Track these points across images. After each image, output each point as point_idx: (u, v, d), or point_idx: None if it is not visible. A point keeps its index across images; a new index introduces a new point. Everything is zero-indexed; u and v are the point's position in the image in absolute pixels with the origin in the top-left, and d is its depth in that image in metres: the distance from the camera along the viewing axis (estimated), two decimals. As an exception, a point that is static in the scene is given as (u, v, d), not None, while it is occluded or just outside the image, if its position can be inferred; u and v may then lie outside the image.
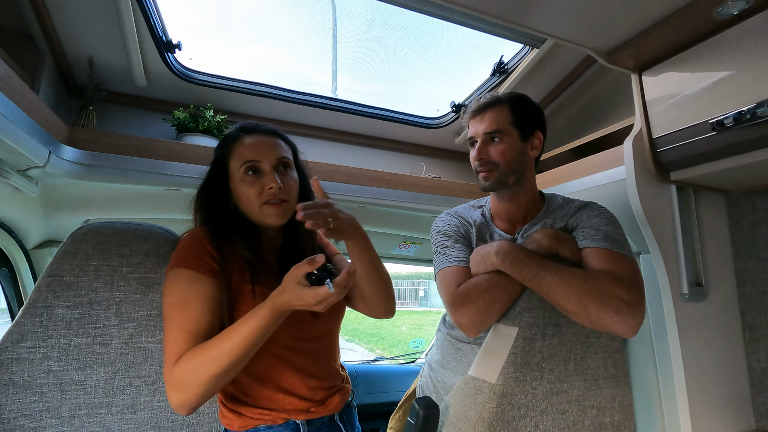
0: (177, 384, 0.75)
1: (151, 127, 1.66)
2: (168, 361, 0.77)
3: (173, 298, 0.81)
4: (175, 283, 0.82)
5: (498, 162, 1.06)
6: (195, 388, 0.74)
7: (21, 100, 0.95)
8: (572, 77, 1.79)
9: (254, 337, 0.76)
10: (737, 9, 0.88)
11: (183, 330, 0.78)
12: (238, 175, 0.91)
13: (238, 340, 0.75)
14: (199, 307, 0.80)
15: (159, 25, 1.46)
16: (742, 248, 1.23)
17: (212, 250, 0.85)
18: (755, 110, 0.85)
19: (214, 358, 0.74)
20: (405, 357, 2.82)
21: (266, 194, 0.90)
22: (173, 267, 0.84)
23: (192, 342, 0.77)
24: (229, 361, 0.74)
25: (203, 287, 0.81)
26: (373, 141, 2.07)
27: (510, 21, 0.98)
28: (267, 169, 0.91)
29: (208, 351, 0.75)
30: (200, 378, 0.74)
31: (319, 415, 0.90)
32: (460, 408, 0.88)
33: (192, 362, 0.75)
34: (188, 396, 0.74)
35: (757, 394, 1.17)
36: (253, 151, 0.91)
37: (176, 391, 0.75)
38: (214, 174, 0.96)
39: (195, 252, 0.84)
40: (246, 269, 0.89)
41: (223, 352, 0.74)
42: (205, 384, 0.74)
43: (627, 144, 1.12)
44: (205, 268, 0.83)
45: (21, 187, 1.16)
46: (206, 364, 0.74)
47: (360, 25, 2.03)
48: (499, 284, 0.93)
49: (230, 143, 0.95)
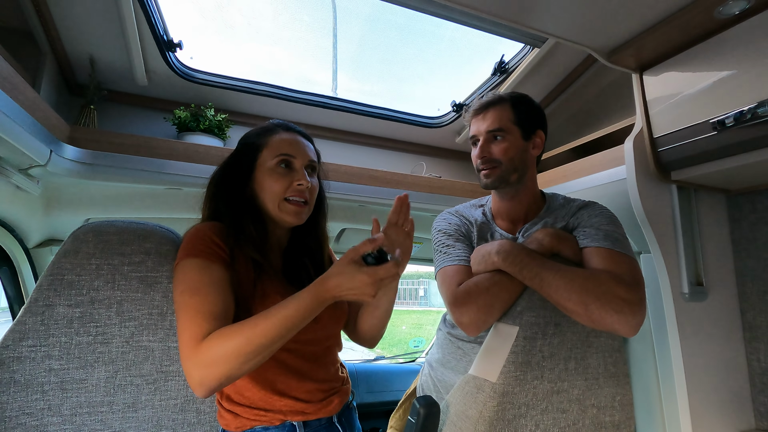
0: (202, 361, 0.70)
1: (152, 126, 1.66)
2: (186, 342, 0.72)
3: (184, 286, 0.78)
4: (185, 272, 0.79)
5: (500, 160, 1.06)
6: (222, 366, 0.69)
7: (22, 99, 0.95)
8: (573, 77, 1.79)
9: (292, 321, 0.72)
10: (738, 9, 0.88)
11: (199, 312, 0.74)
12: (269, 166, 0.92)
13: (274, 321, 0.71)
14: (212, 290, 0.77)
15: (160, 24, 1.46)
16: (742, 248, 1.23)
17: (220, 240, 0.84)
18: (756, 110, 0.85)
19: (247, 336, 0.70)
20: (405, 356, 2.82)
21: (293, 190, 0.91)
22: (181, 259, 0.82)
23: (212, 322, 0.73)
24: (264, 342, 0.70)
25: (214, 273, 0.79)
26: (374, 140, 2.07)
27: (511, 20, 0.98)
28: (299, 166, 0.93)
29: (241, 329, 0.71)
30: (231, 357, 0.69)
31: (316, 417, 0.89)
32: (460, 407, 0.88)
33: (222, 339, 0.70)
34: (212, 374, 0.70)
35: (758, 393, 1.17)
36: (290, 146, 0.94)
37: (200, 369, 0.70)
38: (240, 159, 0.95)
39: (202, 242, 0.83)
40: (251, 268, 0.87)
41: (256, 333, 0.70)
42: (235, 365, 0.70)
43: (628, 143, 1.12)
44: (214, 255, 0.81)
45: (22, 185, 1.17)
46: (239, 344, 0.70)
47: (360, 24, 2.03)
48: (499, 283, 0.93)
49: (267, 134, 0.96)
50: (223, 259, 0.83)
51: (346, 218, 1.82)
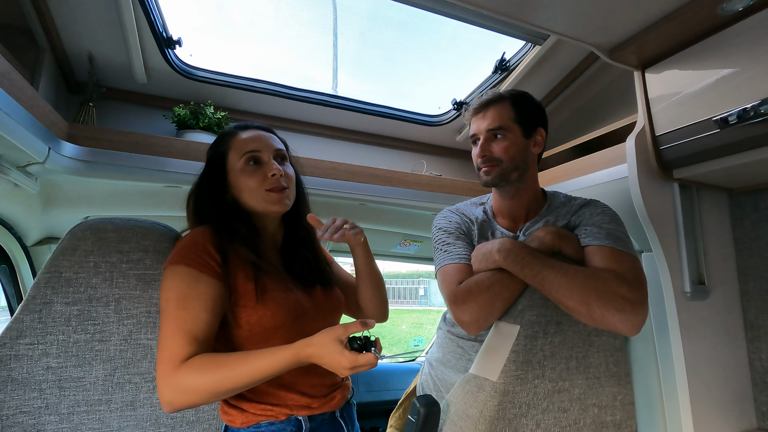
0: (175, 386, 0.75)
1: (151, 124, 1.65)
2: (166, 360, 0.76)
3: (172, 294, 0.80)
4: (174, 279, 0.81)
5: (501, 158, 1.06)
6: (193, 397, 0.75)
7: (20, 96, 0.94)
8: (575, 74, 1.78)
9: (267, 374, 0.76)
10: (742, 5, 0.87)
11: (181, 329, 0.77)
12: (239, 167, 0.93)
13: (249, 370, 0.75)
14: (198, 306, 0.79)
15: (159, 21, 1.45)
16: (744, 246, 1.22)
17: (213, 250, 0.85)
18: (759, 108, 0.84)
19: (222, 377, 0.74)
20: (405, 355, 2.82)
21: (269, 181, 0.92)
22: (173, 263, 0.83)
23: (191, 344, 0.77)
24: (235, 386, 0.75)
25: (203, 286, 0.81)
26: (374, 138, 2.07)
27: (512, 17, 0.97)
28: (267, 158, 0.95)
29: (218, 367, 0.75)
30: (202, 391, 0.74)
31: (320, 411, 0.90)
32: (461, 406, 0.88)
33: (198, 372, 0.74)
34: (182, 400, 0.75)
35: (759, 393, 1.17)
36: (254, 142, 0.95)
37: (172, 392, 0.75)
38: (211, 171, 0.97)
39: (196, 250, 0.84)
40: (249, 268, 0.88)
41: (232, 376, 0.74)
42: (204, 398, 0.75)
43: (629, 142, 1.11)
44: (205, 267, 0.82)
45: (20, 183, 1.16)
46: (213, 381, 0.74)
47: (361, 22, 2.03)
48: (500, 282, 0.92)
49: (228, 139, 0.98)
50: (215, 271, 0.83)
51: (346, 216, 1.82)
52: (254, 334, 0.85)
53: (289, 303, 0.88)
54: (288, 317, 0.87)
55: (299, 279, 0.97)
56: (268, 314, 0.85)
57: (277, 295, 0.87)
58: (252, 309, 0.85)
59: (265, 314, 0.85)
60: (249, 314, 0.85)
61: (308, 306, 0.93)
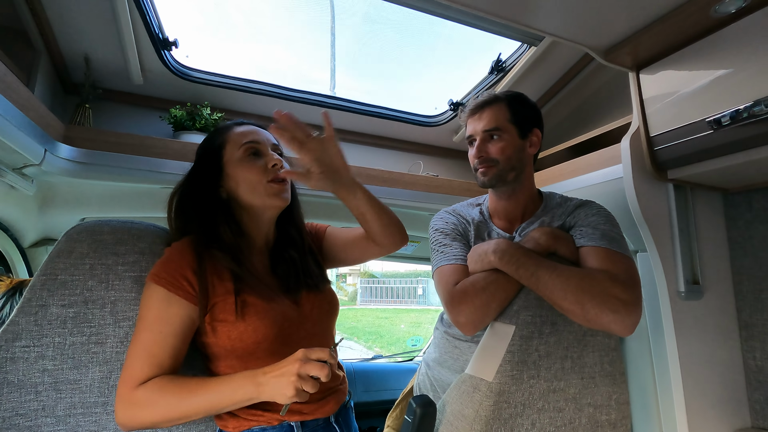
0: (130, 404, 0.75)
1: (147, 125, 1.65)
2: (126, 380, 0.77)
3: (143, 313, 0.81)
4: (149, 298, 0.82)
5: (497, 159, 1.06)
6: (144, 417, 0.75)
7: (16, 98, 0.94)
8: (570, 75, 1.79)
9: (220, 405, 0.77)
10: (734, 7, 0.87)
11: (146, 351, 0.78)
12: (237, 157, 0.92)
13: (203, 399, 0.75)
14: (167, 331, 0.79)
15: (155, 22, 1.45)
16: (738, 246, 1.23)
17: (189, 271, 0.83)
18: (752, 108, 0.85)
19: (175, 404, 0.75)
20: (403, 355, 2.82)
21: (271, 172, 0.92)
22: (150, 280, 0.83)
23: (152, 368, 0.77)
24: (187, 413, 0.75)
25: (174, 308, 0.81)
26: (371, 139, 2.07)
27: (508, 19, 0.98)
28: (266, 150, 0.94)
29: (173, 393, 0.75)
30: (154, 412, 0.75)
31: (313, 417, 0.89)
32: (457, 406, 0.88)
33: (154, 394, 0.75)
34: (135, 419, 0.75)
35: (753, 391, 1.17)
36: (252, 134, 0.95)
37: (126, 410, 0.75)
38: (203, 166, 0.95)
39: (171, 270, 0.82)
40: (230, 280, 0.87)
41: (185, 404, 0.75)
42: (157, 417, 0.75)
43: (624, 142, 1.12)
44: (179, 289, 0.81)
45: (16, 185, 1.16)
46: (166, 404, 0.75)
47: (358, 23, 2.03)
48: (496, 282, 0.93)
49: (223, 132, 0.97)
50: (188, 293, 0.82)
51: (342, 217, 1.82)
52: (236, 348, 0.85)
53: (271, 316, 0.86)
54: (270, 331, 0.85)
55: (284, 283, 0.95)
56: (249, 330, 0.84)
57: (259, 309, 0.85)
58: (232, 324, 0.83)
59: (246, 330, 0.83)
60: (229, 329, 0.83)
61: (292, 314, 0.91)
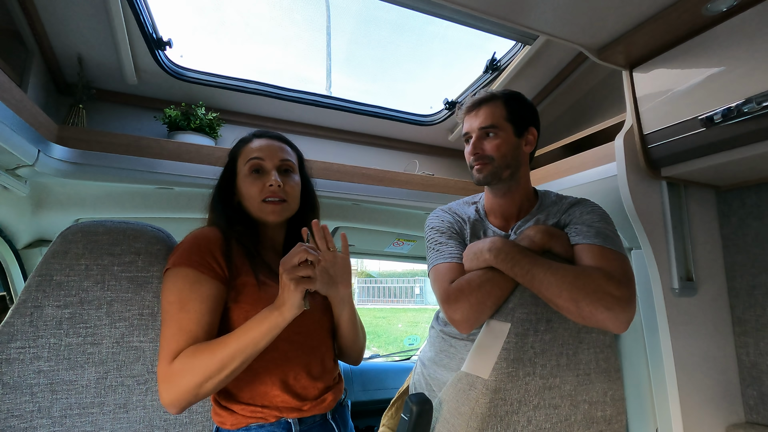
0: (171, 380, 0.75)
1: (142, 125, 1.64)
2: (164, 358, 0.77)
3: (174, 297, 0.81)
4: (176, 282, 0.82)
5: (493, 156, 1.07)
6: (189, 382, 0.74)
7: (9, 99, 0.94)
8: (564, 74, 1.79)
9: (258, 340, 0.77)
10: (725, 6, 0.88)
11: (182, 329, 0.79)
12: (244, 173, 0.98)
13: (238, 342, 0.76)
14: (200, 308, 0.81)
15: (149, 22, 1.44)
16: (731, 243, 1.24)
17: (217, 252, 0.87)
18: (743, 106, 0.86)
19: (214, 354, 0.75)
20: (400, 354, 2.82)
21: (266, 191, 0.95)
22: (176, 265, 0.84)
23: (190, 342, 0.78)
24: (225, 363, 0.75)
25: (204, 288, 0.82)
26: (367, 138, 2.07)
27: (502, 18, 0.98)
28: (269, 168, 0.98)
29: (209, 350, 0.76)
30: (196, 375, 0.74)
31: (311, 414, 0.90)
32: (453, 404, 0.88)
33: (190, 358, 0.75)
34: (180, 392, 0.74)
35: (747, 387, 1.19)
36: (259, 150, 0.99)
37: (169, 387, 0.75)
38: (225, 172, 1.03)
39: (200, 252, 0.85)
40: (248, 263, 0.91)
41: (222, 354, 0.75)
42: (199, 381, 0.74)
43: (618, 140, 1.12)
44: (208, 268, 0.84)
45: (10, 186, 1.15)
46: (205, 362, 0.74)
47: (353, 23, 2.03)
48: (491, 280, 0.93)
49: (241, 145, 1.03)
50: (217, 273, 0.85)
51: (339, 217, 1.82)
52: None
53: None
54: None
55: None
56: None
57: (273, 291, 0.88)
58: (251, 305, 0.86)
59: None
60: (248, 311, 0.86)
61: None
